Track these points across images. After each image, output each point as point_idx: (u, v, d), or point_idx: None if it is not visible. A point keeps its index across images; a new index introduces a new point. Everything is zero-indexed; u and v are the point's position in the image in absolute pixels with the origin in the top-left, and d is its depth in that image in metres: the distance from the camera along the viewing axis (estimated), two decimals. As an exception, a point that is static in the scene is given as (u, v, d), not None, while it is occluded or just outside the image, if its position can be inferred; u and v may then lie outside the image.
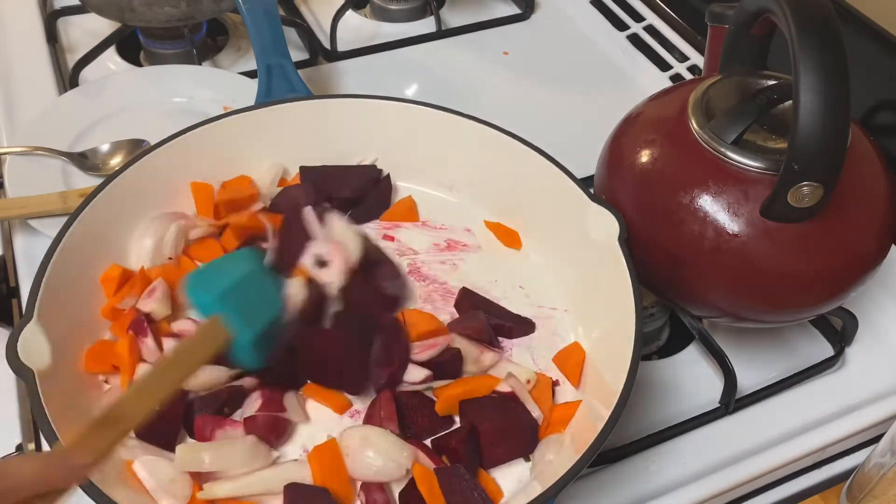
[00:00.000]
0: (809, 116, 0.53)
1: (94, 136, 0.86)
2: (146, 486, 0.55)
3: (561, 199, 0.69)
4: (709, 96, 0.65)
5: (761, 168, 0.60)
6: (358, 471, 0.57)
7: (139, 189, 0.68)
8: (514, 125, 0.73)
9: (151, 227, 0.68)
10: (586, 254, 0.66)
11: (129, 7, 0.89)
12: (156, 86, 0.91)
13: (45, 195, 0.76)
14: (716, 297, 0.64)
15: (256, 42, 0.82)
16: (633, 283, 0.61)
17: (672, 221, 0.62)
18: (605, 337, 0.63)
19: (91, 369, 0.61)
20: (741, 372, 0.69)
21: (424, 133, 0.75)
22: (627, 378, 0.56)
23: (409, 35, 1.05)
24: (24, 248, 0.77)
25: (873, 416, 0.68)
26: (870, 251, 0.62)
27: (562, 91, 0.99)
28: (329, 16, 1.01)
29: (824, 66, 0.53)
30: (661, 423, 0.67)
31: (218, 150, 0.72)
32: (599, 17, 1.09)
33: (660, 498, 0.62)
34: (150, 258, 0.67)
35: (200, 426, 0.58)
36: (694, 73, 1.00)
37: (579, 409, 0.62)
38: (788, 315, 0.64)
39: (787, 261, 0.60)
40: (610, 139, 0.70)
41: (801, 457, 0.66)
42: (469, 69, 1.01)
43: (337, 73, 0.99)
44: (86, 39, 1.00)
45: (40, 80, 0.94)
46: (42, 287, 0.59)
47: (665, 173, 0.63)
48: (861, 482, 0.61)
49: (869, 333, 0.74)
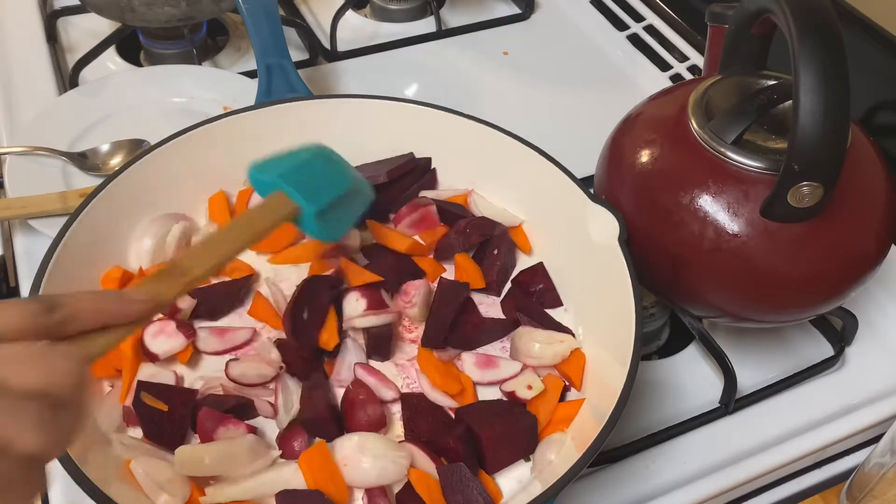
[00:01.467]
0: (809, 116, 0.53)
1: (94, 136, 0.86)
2: (143, 486, 0.55)
3: (561, 199, 0.69)
4: (709, 96, 0.65)
5: (761, 168, 0.60)
6: (358, 479, 0.57)
7: (139, 189, 0.68)
8: (514, 125, 0.73)
9: (152, 228, 0.68)
10: (586, 254, 0.66)
11: (129, 7, 0.89)
12: (156, 86, 0.91)
13: (45, 195, 0.76)
14: (716, 297, 0.64)
15: (256, 42, 0.82)
16: (633, 283, 0.60)
17: (672, 221, 0.62)
18: (605, 337, 0.63)
19: (94, 373, 0.61)
20: (741, 372, 0.69)
21: (424, 133, 0.75)
22: (627, 378, 0.56)
23: (409, 35, 1.05)
24: (24, 248, 0.77)
25: (873, 416, 0.68)
26: (870, 251, 0.62)
27: (562, 91, 0.99)
28: (329, 16, 1.01)
29: (824, 66, 0.53)
30: (661, 423, 0.67)
31: (218, 150, 0.72)
32: (599, 17, 1.09)
33: (660, 498, 0.62)
34: (150, 258, 0.67)
35: (203, 419, 0.58)
36: (694, 73, 1.00)
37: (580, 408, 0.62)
38: (788, 315, 0.64)
39: (787, 261, 0.60)
40: (610, 139, 0.70)
41: (801, 457, 0.66)
42: (469, 69, 1.01)
43: (337, 73, 0.99)
44: (86, 39, 1.00)
45: (40, 80, 0.94)
46: (42, 287, 0.59)
47: (665, 173, 0.63)
48: (861, 482, 0.61)
49: (869, 333, 0.75)
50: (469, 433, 0.59)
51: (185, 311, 0.65)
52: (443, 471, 0.57)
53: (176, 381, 0.62)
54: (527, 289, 0.70)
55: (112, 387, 0.62)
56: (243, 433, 0.58)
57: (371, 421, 0.60)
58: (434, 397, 0.62)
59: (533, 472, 0.59)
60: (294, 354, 0.63)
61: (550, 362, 0.64)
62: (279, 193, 0.57)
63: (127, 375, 0.61)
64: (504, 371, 0.64)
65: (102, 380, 0.62)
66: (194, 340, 0.64)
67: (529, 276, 0.70)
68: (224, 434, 0.58)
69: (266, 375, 0.62)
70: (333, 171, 0.62)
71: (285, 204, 0.57)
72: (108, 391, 0.62)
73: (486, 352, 0.66)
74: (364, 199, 0.65)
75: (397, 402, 0.62)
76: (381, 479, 0.56)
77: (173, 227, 0.69)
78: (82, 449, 0.53)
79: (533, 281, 0.70)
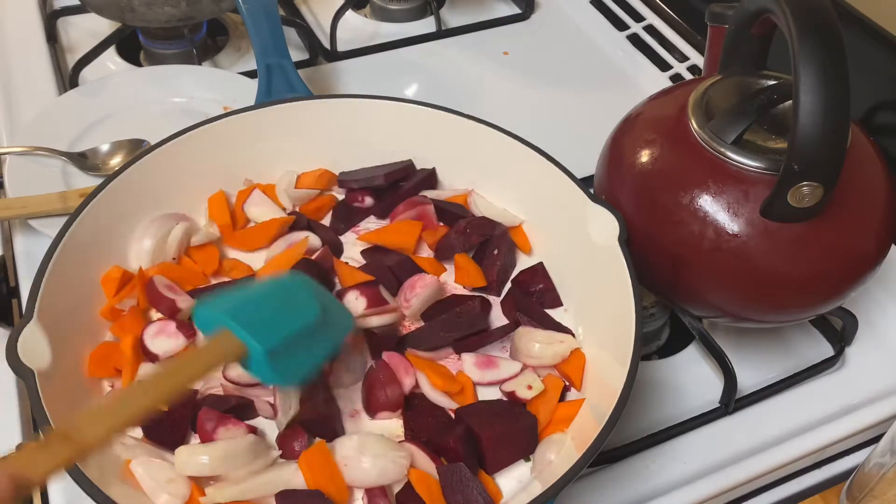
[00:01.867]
0: (809, 116, 0.53)
1: (94, 136, 0.86)
2: (143, 486, 0.55)
3: (561, 199, 0.69)
4: (709, 96, 0.65)
5: (761, 168, 0.59)
6: (359, 479, 0.56)
7: (139, 189, 0.68)
8: (514, 125, 0.73)
9: (152, 228, 0.68)
10: (586, 254, 0.66)
11: (129, 7, 0.89)
12: (156, 86, 0.91)
13: (45, 195, 0.76)
14: (716, 297, 0.64)
15: (256, 42, 0.82)
16: (633, 283, 0.60)
17: (672, 221, 0.62)
18: (605, 337, 0.63)
19: (94, 373, 0.61)
20: (741, 372, 0.69)
21: (424, 133, 0.75)
22: (627, 378, 0.56)
23: (409, 35, 1.05)
24: (24, 248, 0.77)
25: (873, 416, 0.68)
26: (870, 251, 0.62)
27: (562, 91, 0.99)
28: (329, 16, 1.01)
29: (824, 66, 0.53)
30: (661, 423, 0.67)
31: (218, 150, 0.72)
32: (599, 17, 1.09)
33: (660, 498, 0.62)
34: (150, 258, 0.67)
35: (203, 419, 0.58)
36: (694, 73, 1.00)
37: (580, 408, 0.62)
38: (788, 315, 0.64)
39: (787, 261, 0.60)
40: (610, 139, 0.70)
41: (801, 457, 0.66)
42: (469, 69, 1.01)
43: (337, 73, 0.99)
44: (86, 39, 1.00)
45: (40, 80, 0.94)
46: (42, 287, 0.59)
47: (665, 173, 0.63)
48: (861, 482, 0.61)
49: (869, 333, 0.74)
50: (469, 433, 0.59)
51: (185, 311, 0.65)
52: (443, 471, 0.57)
53: (176, 381, 0.62)
54: (527, 289, 0.70)
55: (112, 387, 0.62)
56: (243, 433, 0.58)
57: (389, 401, 0.60)
58: (434, 397, 0.62)
59: (533, 472, 0.59)
60: None
61: (550, 362, 0.64)
62: (224, 331, 0.51)
63: (127, 375, 0.61)
64: (504, 371, 0.64)
65: (102, 380, 0.62)
66: (194, 341, 0.64)
67: (529, 276, 0.70)
68: (224, 434, 0.58)
69: None
70: (297, 302, 0.56)
71: (229, 343, 0.51)
72: (108, 391, 0.62)
73: (486, 352, 0.66)
74: (339, 332, 0.59)
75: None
76: (381, 479, 0.56)
77: (174, 228, 0.69)
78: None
79: (533, 281, 0.70)
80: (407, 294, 0.66)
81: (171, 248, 0.68)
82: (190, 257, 0.70)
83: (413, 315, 0.67)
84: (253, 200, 0.74)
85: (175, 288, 0.66)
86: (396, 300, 0.66)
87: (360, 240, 0.72)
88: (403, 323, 0.67)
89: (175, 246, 0.68)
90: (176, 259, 0.68)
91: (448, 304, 0.67)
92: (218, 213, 0.72)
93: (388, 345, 0.64)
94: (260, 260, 0.71)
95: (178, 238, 0.68)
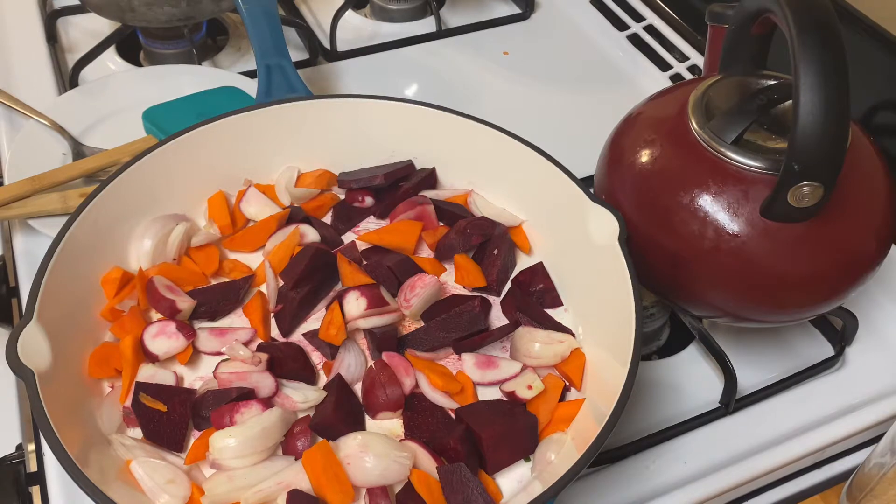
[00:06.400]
0: (809, 116, 0.53)
1: (94, 136, 0.86)
2: (143, 486, 0.55)
3: (561, 199, 0.68)
4: (709, 96, 0.65)
5: (761, 168, 0.60)
6: (361, 478, 0.56)
7: (139, 189, 0.68)
8: (514, 125, 0.73)
9: (152, 228, 0.68)
10: (586, 254, 0.66)
11: (129, 7, 0.89)
12: (156, 86, 0.91)
13: (45, 195, 0.76)
14: (716, 297, 0.64)
15: (256, 42, 0.82)
16: (633, 283, 0.60)
17: (672, 221, 0.62)
18: (605, 337, 0.63)
19: (94, 374, 0.61)
20: (741, 372, 0.69)
21: (424, 133, 0.75)
22: (627, 378, 0.56)
23: (409, 35, 1.05)
24: (24, 248, 0.77)
25: (873, 416, 0.68)
26: (870, 251, 0.62)
27: (562, 91, 0.99)
28: (329, 16, 1.02)
29: (824, 66, 0.53)
30: (661, 423, 0.67)
31: (218, 150, 0.72)
32: (599, 17, 1.09)
33: (660, 498, 0.62)
34: (150, 259, 0.67)
35: (216, 417, 0.58)
36: (694, 73, 1.00)
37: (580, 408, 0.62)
38: (788, 315, 0.64)
39: (787, 261, 0.60)
40: (610, 139, 0.70)
41: (801, 457, 0.66)
42: (469, 69, 1.01)
43: (337, 73, 0.99)
44: (86, 39, 1.00)
45: (40, 80, 0.94)
46: (42, 287, 0.59)
47: (665, 173, 0.63)
48: (861, 482, 0.61)
49: (869, 333, 0.75)
50: (469, 433, 0.59)
51: (185, 311, 0.65)
52: (443, 471, 0.57)
53: (176, 381, 0.62)
54: (527, 289, 0.70)
55: (112, 387, 0.62)
56: (260, 410, 0.58)
57: (389, 402, 0.60)
58: (434, 397, 0.62)
59: (533, 472, 0.59)
60: (283, 355, 0.63)
61: (550, 362, 0.64)
62: None
63: (127, 376, 0.61)
64: (504, 371, 0.64)
65: (102, 380, 0.62)
66: (194, 341, 0.64)
67: (529, 276, 0.70)
68: (242, 419, 0.58)
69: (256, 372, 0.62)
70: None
71: None
72: (108, 392, 0.62)
73: (486, 352, 0.66)
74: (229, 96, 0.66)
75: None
76: (384, 479, 0.56)
77: (174, 228, 0.69)
78: (82, 449, 0.53)
79: (533, 281, 0.70)
80: (407, 294, 0.66)
81: (172, 249, 0.68)
82: (190, 258, 0.70)
83: (413, 315, 0.67)
84: (248, 199, 0.73)
85: (175, 289, 0.66)
86: (396, 300, 0.66)
87: (360, 240, 0.72)
88: (403, 323, 0.67)
89: (175, 246, 0.68)
90: (176, 260, 0.68)
91: (448, 305, 0.67)
92: (218, 213, 0.72)
93: (388, 345, 0.64)
94: (260, 258, 0.71)
95: (178, 239, 0.68)
